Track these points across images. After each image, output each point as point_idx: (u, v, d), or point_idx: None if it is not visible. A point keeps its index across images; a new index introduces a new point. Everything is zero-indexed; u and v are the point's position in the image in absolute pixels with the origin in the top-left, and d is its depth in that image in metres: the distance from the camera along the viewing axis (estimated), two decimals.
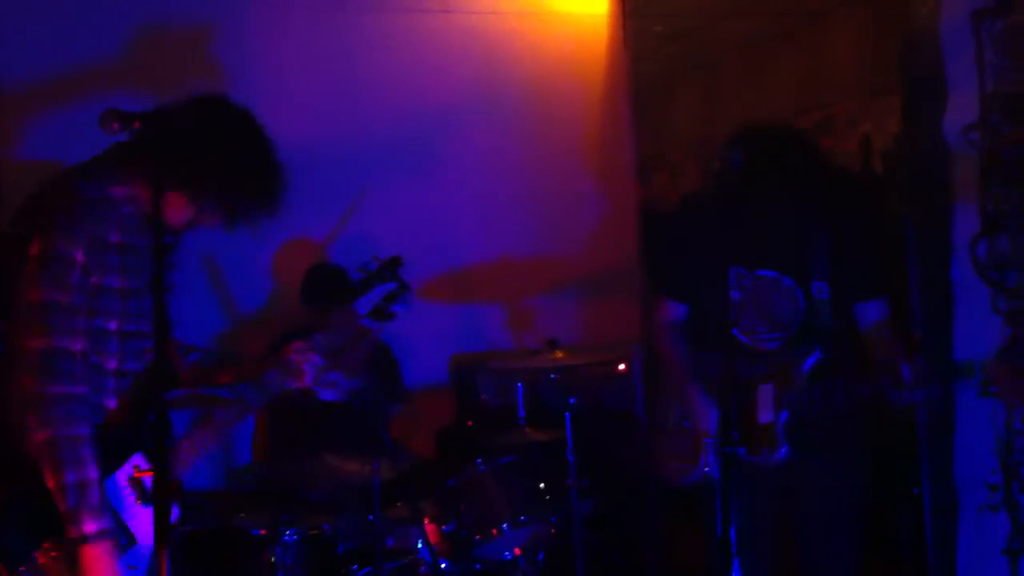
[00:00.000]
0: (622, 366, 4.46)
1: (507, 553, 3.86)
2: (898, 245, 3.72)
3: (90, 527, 2.52)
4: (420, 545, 3.77)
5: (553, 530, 3.90)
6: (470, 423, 4.67)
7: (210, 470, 4.61)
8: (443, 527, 3.82)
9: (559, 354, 4.09)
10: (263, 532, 3.69)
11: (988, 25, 3.54)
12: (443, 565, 3.70)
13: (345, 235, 4.85)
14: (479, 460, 3.90)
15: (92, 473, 2.54)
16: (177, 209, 2.69)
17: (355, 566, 3.71)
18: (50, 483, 2.52)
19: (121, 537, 2.63)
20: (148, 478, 2.66)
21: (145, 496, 2.67)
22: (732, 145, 3.24)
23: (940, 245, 3.66)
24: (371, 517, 3.65)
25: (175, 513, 2.59)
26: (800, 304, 3.17)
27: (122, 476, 2.68)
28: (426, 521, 3.77)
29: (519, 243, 5.16)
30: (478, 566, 3.87)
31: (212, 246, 4.55)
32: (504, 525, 3.79)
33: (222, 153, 2.66)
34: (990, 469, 3.50)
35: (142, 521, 2.66)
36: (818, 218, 3.15)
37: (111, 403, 2.68)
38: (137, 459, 2.69)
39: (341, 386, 4.38)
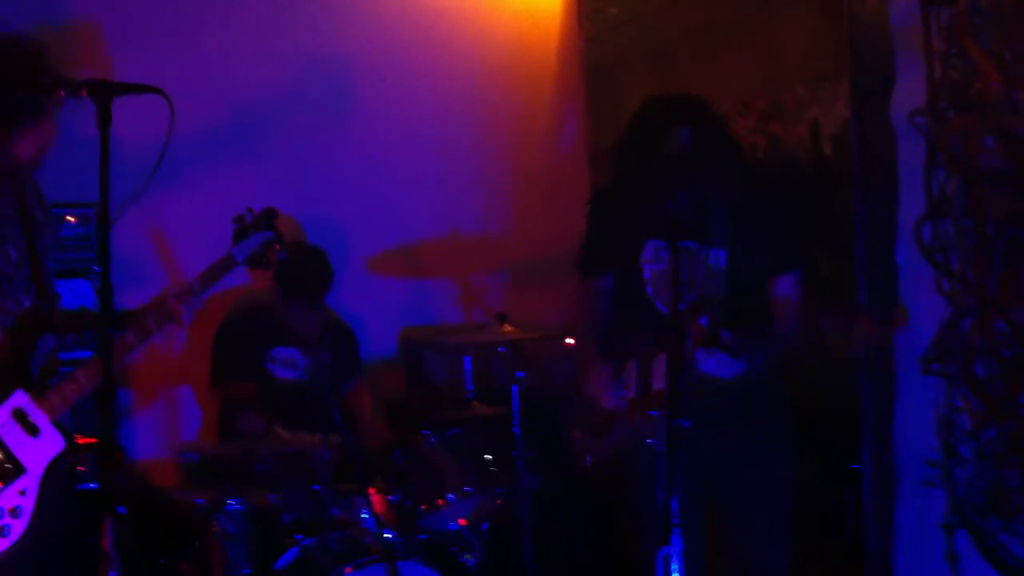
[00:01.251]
0: (569, 341, 4.48)
1: (452, 524, 3.87)
2: (842, 227, 3.80)
3: None
4: (365, 515, 3.77)
5: (499, 501, 3.92)
6: (420, 396, 4.67)
7: (157, 441, 4.60)
8: (389, 497, 3.82)
9: (507, 328, 4.11)
10: (206, 501, 3.69)
11: (936, 13, 3.59)
12: (388, 535, 3.69)
13: (298, 206, 4.83)
14: (427, 432, 3.90)
15: None
16: (23, 145, 2.92)
17: (299, 535, 3.70)
18: None
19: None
20: (35, 411, 2.79)
21: (29, 428, 2.78)
22: (638, 119, 3.27)
23: (886, 228, 3.71)
24: (316, 488, 3.65)
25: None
26: (705, 272, 3.19)
27: (4, 410, 2.79)
28: (372, 492, 3.77)
29: (470, 221, 5.18)
30: (423, 536, 3.87)
31: (159, 216, 4.53)
32: (450, 496, 3.80)
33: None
34: (929, 447, 3.56)
35: (29, 450, 2.78)
36: (723, 189, 3.17)
37: None
38: (18, 395, 2.80)
39: (299, 365, 4.42)
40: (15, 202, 2.99)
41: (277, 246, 3.26)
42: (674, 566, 2.38)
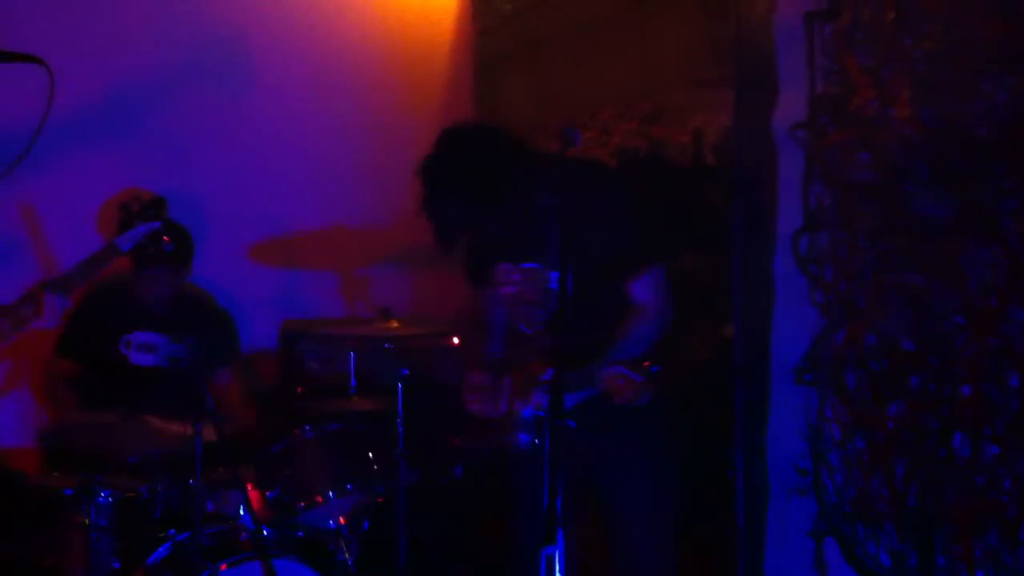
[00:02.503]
0: (455, 339, 4.49)
1: (331, 522, 3.84)
2: (718, 236, 3.84)
3: None
4: (242, 511, 3.72)
5: (379, 499, 3.90)
6: (300, 389, 4.61)
7: (21, 427, 4.45)
8: (267, 493, 3.77)
9: (393, 324, 4.09)
10: (74, 491, 3.60)
11: (819, 27, 3.65)
12: (265, 532, 3.64)
13: (179, 192, 4.71)
14: (306, 426, 3.86)
15: None
16: None
17: (172, 530, 3.63)
18: None
19: None
20: None
21: None
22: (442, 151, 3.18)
23: (763, 238, 3.79)
24: (191, 481, 3.58)
25: None
26: (549, 291, 3.19)
27: None
28: (249, 487, 3.70)
29: (352, 212, 5.12)
30: (300, 533, 3.84)
31: (32, 196, 4.39)
32: (330, 493, 3.76)
33: None
34: (800, 455, 3.66)
35: None
36: (555, 209, 3.01)
37: None
38: None
39: (161, 350, 4.29)
40: None
41: (165, 238, 3.18)
42: (557, 566, 2.39)
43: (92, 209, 4.62)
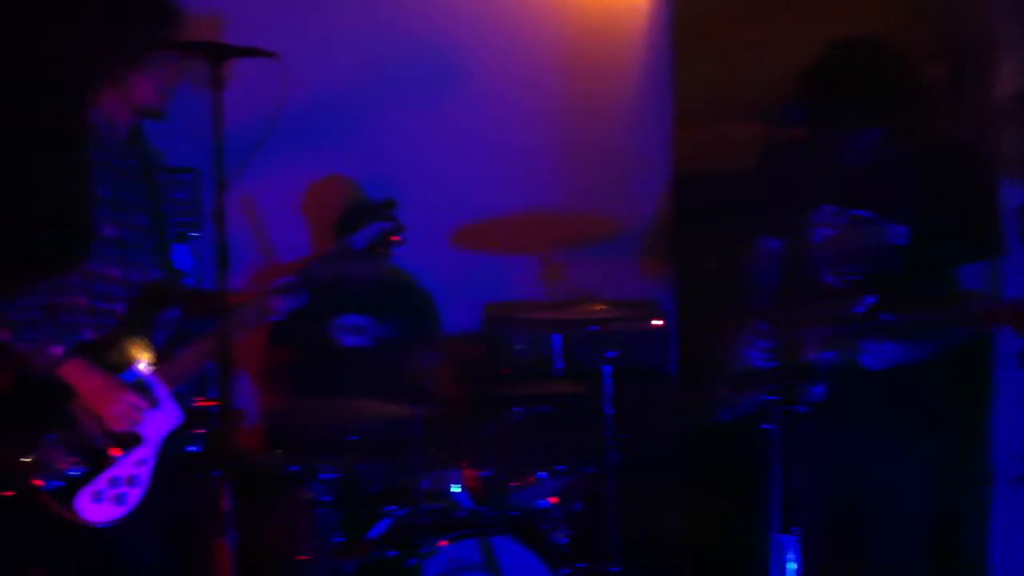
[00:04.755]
0: (658, 322, 4.48)
1: (543, 501, 3.88)
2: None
3: (57, 349, 2.72)
4: (457, 489, 3.80)
5: (589, 481, 3.93)
6: (506, 371, 4.68)
7: (249, 406, 4.65)
8: (480, 472, 3.85)
9: (597, 307, 4.11)
10: (299, 468, 3.75)
11: None
12: (480, 509, 3.73)
13: (381, 179, 4.86)
14: (517, 408, 3.92)
15: (36, 314, 2.73)
16: (143, 88, 2.89)
17: (391, 506, 3.74)
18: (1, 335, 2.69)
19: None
20: (157, 383, 2.86)
21: (150, 398, 2.84)
22: (819, 70, 3.02)
23: None
24: (408, 459, 3.69)
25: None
26: (880, 246, 2.99)
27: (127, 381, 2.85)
28: (463, 466, 3.80)
29: (551, 196, 5.14)
30: (514, 512, 3.90)
31: (249, 187, 4.56)
32: (541, 473, 3.82)
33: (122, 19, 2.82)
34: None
35: (148, 422, 2.84)
36: (911, 156, 2.94)
37: (120, 309, 2.86)
38: (140, 366, 2.86)
39: (369, 332, 4.42)
40: (140, 163, 3.00)
41: (395, 237, 3.24)
42: (790, 556, 2.33)
43: (301, 200, 4.80)
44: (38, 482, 2.68)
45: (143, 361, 2.88)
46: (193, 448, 3.39)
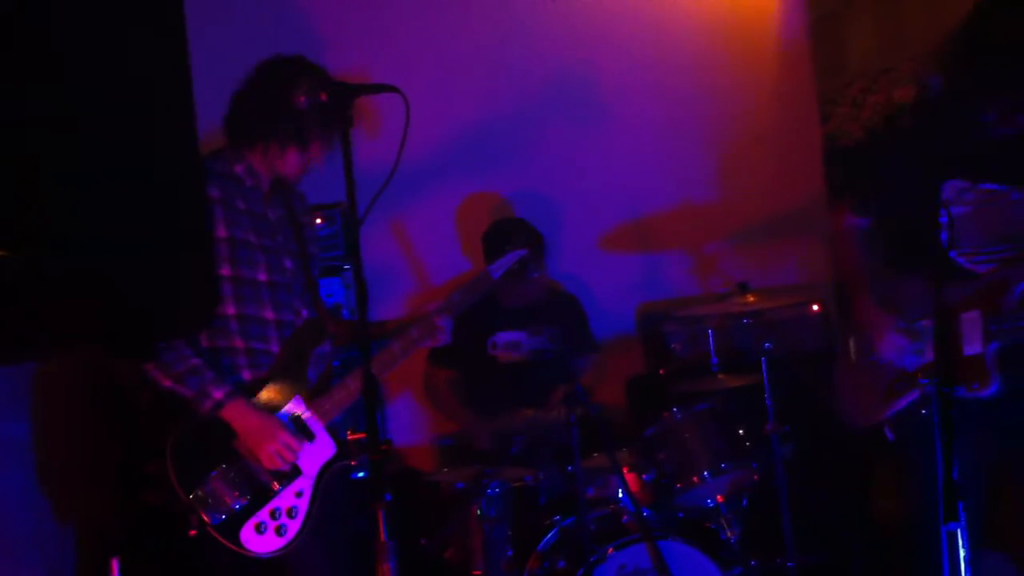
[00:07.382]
0: (815, 307, 4.37)
1: (709, 500, 3.84)
2: None
3: (218, 393, 2.84)
4: (621, 494, 3.79)
5: (755, 476, 3.86)
6: (662, 371, 4.64)
7: (413, 426, 4.76)
8: (643, 476, 3.83)
9: (750, 298, 4.03)
10: (466, 484, 3.80)
11: None
12: (645, 513, 3.70)
13: (530, 189, 4.91)
14: (675, 408, 3.88)
15: (195, 361, 2.85)
16: (289, 161, 3.00)
17: (558, 516, 3.76)
18: (166, 384, 2.83)
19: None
20: (311, 417, 2.97)
21: (306, 432, 2.95)
22: (962, 35, 2.79)
23: None
24: (570, 468, 3.70)
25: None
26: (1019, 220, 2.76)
27: (283, 416, 2.95)
28: (625, 470, 3.78)
29: (701, 188, 5.10)
30: (680, 514, 3.87)
31: (399, 209, 4.68)
32: (705, 472, 3.77)
33: (296, 97, 2.94)
34: None
35: (305, 454, 2.94)
36: None
37: (275, 348, 2.98)
38: (296, 401, 2.97)
39: (524, 346, 4.46)
40: (286, 212, 3.12)
41: (533, 276, 3.26)
42: (961, 544, 2.22)
43: (450, 213, 4.89)
44: (205, 518, 2.80)
45: (298, 397, 2.98)
46: (359, 475, 3.51)
